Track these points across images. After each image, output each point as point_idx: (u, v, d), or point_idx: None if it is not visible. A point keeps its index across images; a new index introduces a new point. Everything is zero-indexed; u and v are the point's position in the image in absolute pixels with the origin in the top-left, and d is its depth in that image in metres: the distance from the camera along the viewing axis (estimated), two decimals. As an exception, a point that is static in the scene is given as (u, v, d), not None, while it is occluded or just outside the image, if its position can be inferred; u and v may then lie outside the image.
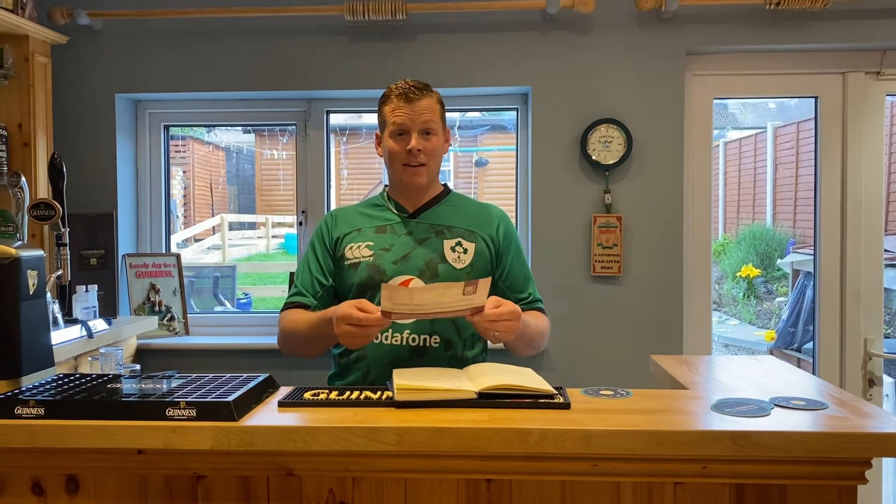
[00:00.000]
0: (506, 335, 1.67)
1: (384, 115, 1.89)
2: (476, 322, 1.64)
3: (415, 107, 1.84)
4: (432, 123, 1.86)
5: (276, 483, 1.40)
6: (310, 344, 1.84)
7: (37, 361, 1.63)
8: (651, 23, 3.02)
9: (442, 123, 1.91)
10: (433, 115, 1.87)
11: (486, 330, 1.65)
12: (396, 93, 1.86)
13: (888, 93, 3.08)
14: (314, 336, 1.80)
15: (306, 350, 1.88)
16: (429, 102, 1.86)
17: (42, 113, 2.89)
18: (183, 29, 3.15)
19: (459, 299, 1.58)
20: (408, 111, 1.84)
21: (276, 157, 6.85)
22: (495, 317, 1.63)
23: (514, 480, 1.38)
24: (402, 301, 1.57)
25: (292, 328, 1.86)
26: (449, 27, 3.07)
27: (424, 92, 1.87)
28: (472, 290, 1.58)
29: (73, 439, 1.36)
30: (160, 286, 3.28)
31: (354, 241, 1.91)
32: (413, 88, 1.86)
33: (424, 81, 1.90)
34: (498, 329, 1.64)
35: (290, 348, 1.90)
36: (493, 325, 1.63)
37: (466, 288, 1.57)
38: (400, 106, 1.85)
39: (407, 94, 1.85)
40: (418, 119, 1.84)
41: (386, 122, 1.88)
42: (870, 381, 3.05)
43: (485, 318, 1.62)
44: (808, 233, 4.52)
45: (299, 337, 1.85)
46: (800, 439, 1.30)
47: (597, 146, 3.02)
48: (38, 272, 1.65)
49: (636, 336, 3.02)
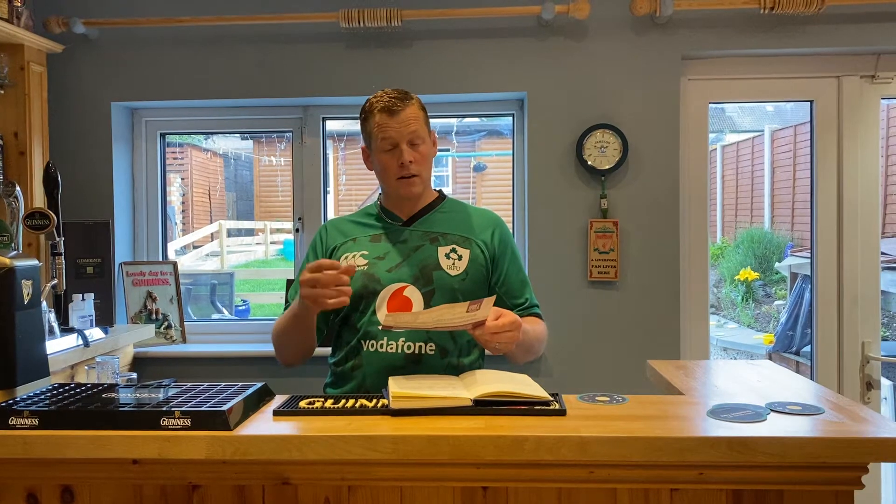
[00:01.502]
0: (507, 346, 1.68)
1: (370, 131, 1.88)
2: (478, 335, 1.64)
3: (399, 119, 1.83)
4: (419, 132, 1.86)
5: (271, 492, 1.40)
6: (292, 335, 1.83)
7: (32, 371, 1.62)
8: (646, 28, 3.02)
9: (427, 128, 1.91)
10: (418, 123, 1.86)
11: (487, 342, 1.66)
12: (378, 107, 1.85)
13: (883, 96, 3.08)
14: (294, 325, 1.79)
15: (293, 343, 1.86)
16: (412, 111, 1.85)
17: (38, 122, 2.89)
18: (178, 37, 3.15)
19: (463, 316, 1.59)
20: (393, 125, 1.83)
21: (273, 163, 6.86)
22: (497, 328, 1.63)
23: (511, 488, 1.38)
24: (406, 321, 1.61)
25: (276, 329, 1.88)
26: (444, 33, 3.08)
27: (405, 101, 1.85)
28: (476, 308, 1.59)
29: (67, 450, 1.36)
30: (157, 294, 3.28)
31: (349, 250, 1.91)
32: (394, 101, 1.84)
33: (403, 89, 1.90)
34: (500, 340, 1.65)
35: (279, 350, 1.90)
36: (494, 338, 1.64)
37: (471, 307, 1.58)
38: (385, 121, 1.83)
39: (389, 107, 1.83)
40: (405, 131, 1.83)
41: (373, 137, 1.87)
42: (868, 385, 3.05)
43: (487, 330, 1.63)
44: (805, 236, 4.53)
45: (282, 331, 1.85)
46: (796, 445, 1.30)
47: (593, 151, 3.02)
48: (33, 282, 1.64)
49: (633, 341, 3.02)
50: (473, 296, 1.78)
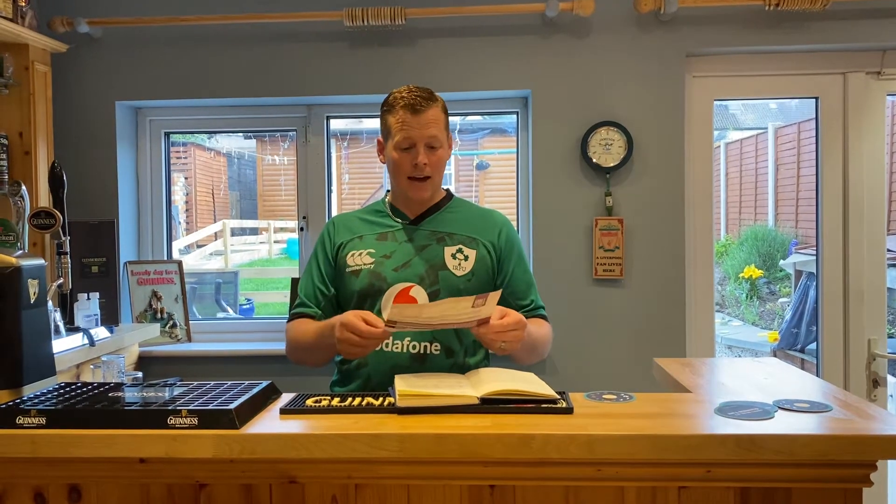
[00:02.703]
0: (512, 345, 1.67)
1: (389, 125, 1.86)
2: (482, 334, 1.64)
3: (421, 119, 1.81)
4: (439, 137, 1.84)
5: (278, 491, 1.40)
6: (315, 353, 1.86)
7: (38, 370, 1.63)
8: (650, 25, 3.02)
9: (446, 133, 1.90)
10: (438, 127, 1.84)
11: (492, 341, 1.65)
12: (402, 103, 1.82)
13: (889, 92, 3.07)
14: (318, 345, 1.81)
15: (312, 359, 1.90)
16: (434, 113, 1.84)
17: (42, 121, 2.90)
18: (182, 36, 3.15)
19: (468, 312, 1.58)
20: (414, 125, 1.81)
21: (277, 162, 6.86)
22: (501, 328, 1.62)
23: (518, 486, 1.38)
24: (411, 316, 1.58)
25: (298, 339, 1.88)
26: (448, 31, 3.07)
27: (430, 102, 1.83)
28: (482, 303, 1.58)
29: (74, 449, 1.36)
30: (162, 293, 3.28)
31: (356, 248, 1.91)
32: (419, 99, 1.82)
33: (428, 88, 1.88)
34: (504, 339, 1.64)
35: (297, 358, 1.93)
36: (499, 336, 1.63)
37: (476, 301, 1.57)
38: (406, 118, 1.81)
39: (413, 105, 1.81)
40: (425, 133, 1.82)
41: (391, 132, 1.85)
42: (874, 382, 3.04)
43: (491, 329, 1.62)
44: (810, 233, 4.52)
45: (304, 346, 1.87)
46: (804, 442, 1.30)
47: (597, 149, 3.01)
48: (39, 281, 1.65)
49: (639, 339, 3.02)
50: (479, 296, 1.77)
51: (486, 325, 1.62)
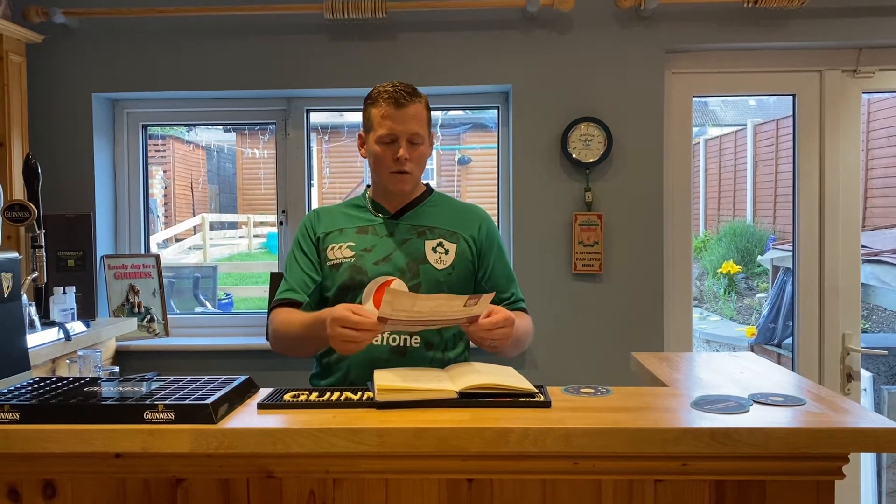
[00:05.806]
0: (501, 343, 1.68)
1: (371, 118, 1.86)
2: (472, 332, 1.65)
3: (404, 114, 1.81)
4: (420, 132, 1.85)
5: (256, 485, 1.39)
6: (302, 344, 1.83)
7: (12, 365, 1.61)
8: (631, 21, 3.03)
9: (428, 129, 1.90)
10: (420, 123, 1.85)
11: (482, 339, 1.65)
12: (385, 96, 1.83)
13: (864, 90, 3.11)
14: (306, 337, 1.78)
15: (298, 350, 1.87)
16: (417, 109, 1.84)
17: (17, 113, 2.85)
18: (160, 28, 3.12)
19: (459, 310, 1.58)
20: (397, 119, 1.81)
21: (257, 155, 6.81)
22: (491, 325, 1.63)
23: (496, 480, 1.38)
24: (404, 307, 1.56)
25: (285, 328, 1.84)
26: (429, 25, 3.06)
27: (413, 97, 1.84)
28: (474, 303, 1.58)
29: (49, 444, 1.35)
30: (139, 287, 3.25)
31: (336, 241, 1.90)
32: (403, 94, 1.82)
33: (412, 84, 1.88)
34: (494, 337, 1.65)
35: (281, 347, 1.89)
36: (489, 335, 1.64)
37: (469, 301, 1.57)
38: (389, 112, 1.81)
39: (397, 99, 1.81)
40: (407, 128, 1.82)
41: (373, 126, 1.85)
42: (848, 376, 3.08)
43: (481, 327, 1.63)
44: (788, 229, 4.56)
45: (290, 337, 1.83)
46: (778, 435, 1.32)
47: (577, 144, 3.02)
48: (13, 275, 1.63)
49: (617, 333, 3.04)
50: (459, 290, 1.77)
51: (475, 324, 1.63)
